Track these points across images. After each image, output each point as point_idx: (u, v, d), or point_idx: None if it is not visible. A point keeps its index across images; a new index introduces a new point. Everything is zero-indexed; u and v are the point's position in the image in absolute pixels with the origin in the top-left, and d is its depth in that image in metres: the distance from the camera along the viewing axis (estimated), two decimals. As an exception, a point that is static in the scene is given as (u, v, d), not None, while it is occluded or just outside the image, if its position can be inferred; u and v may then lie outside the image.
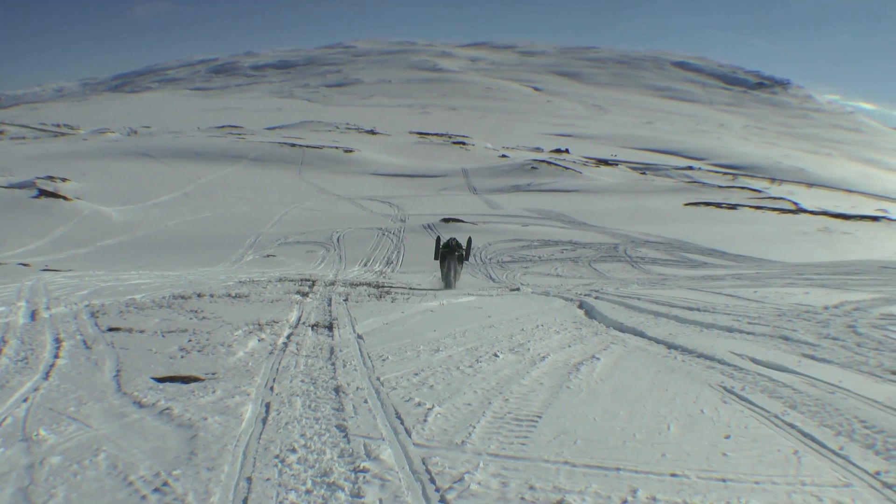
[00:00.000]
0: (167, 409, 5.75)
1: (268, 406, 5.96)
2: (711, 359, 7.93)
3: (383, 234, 33.19)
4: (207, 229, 35.72)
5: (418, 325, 10.68)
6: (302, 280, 17.37)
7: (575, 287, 17.80)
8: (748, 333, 9.44)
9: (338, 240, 31.61)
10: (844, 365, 7.36)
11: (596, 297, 14.38)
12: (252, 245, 30.17)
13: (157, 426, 5.35)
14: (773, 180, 78.92)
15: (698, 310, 11.90)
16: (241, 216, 40.96)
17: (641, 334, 9.89)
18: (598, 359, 7.98)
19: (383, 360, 7.98)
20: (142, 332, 9.21)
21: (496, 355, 8.17)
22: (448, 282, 19.12)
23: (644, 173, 79.50)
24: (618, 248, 28.44)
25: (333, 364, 7.74)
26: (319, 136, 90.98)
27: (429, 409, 5.89)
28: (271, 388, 6.58)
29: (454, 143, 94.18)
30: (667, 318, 11.30)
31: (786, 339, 8.92)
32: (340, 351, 8.48)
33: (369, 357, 8.14)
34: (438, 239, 21.19)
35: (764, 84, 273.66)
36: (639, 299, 13.71)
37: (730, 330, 9.83)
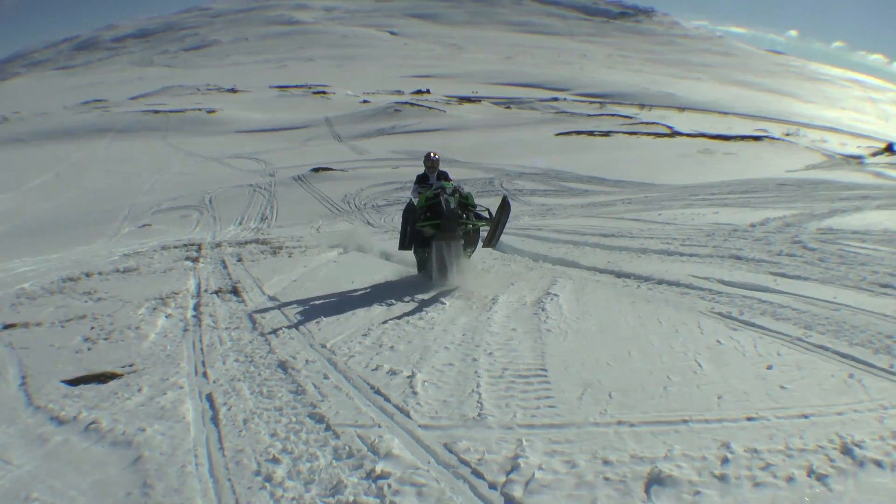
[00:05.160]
0: (93, 422, 4.53)
1: (210, 399, 4.82)
2: (676, 284, 7.38)
3: (255, 191, 31.68)
4: (81, 206, 33.04)
5: (331, 277, 9.83)
6: (186, 245, 15.84)
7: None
8: (690, 255, 8.99)
9: (210, 201, 29.82)
10: (825, 281, 6.93)
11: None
12: (126, 217, 28.07)
13: (89, 449, 4.15)
14: (642, 106, 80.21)
15: (613, 235, 11.56)
16: (112, 189, 38.26)
17: (576, 265, 9.32)
18: (555, 295, 7.25)
19: (317, 322, 6.99)
20: (39, 325, 7.90)
21: (441, 301, 7.39)
22: (442, 273, 8.68)
23: (509, 107, 79.73)
24: (493, 182, 27.95)
25: (263, 335, 6.65)
26: (182, 100, 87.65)
27: (408, 377, 4.89)
28: (205, 375, 5.43)
29: (315, 93, 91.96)
30: (585, 245, 10.90)
31: (738, 258, 8.48)
32: (262, 317, 7.44)
33: (299, 320, 7.12)
34: (422, 180, 9.37)
35: (627, 13, 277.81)
36: (540, 230, 13.24)
37: (667, 253, 9.35)
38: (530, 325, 6.13)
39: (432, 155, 9.52)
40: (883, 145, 39.24)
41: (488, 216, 9.06)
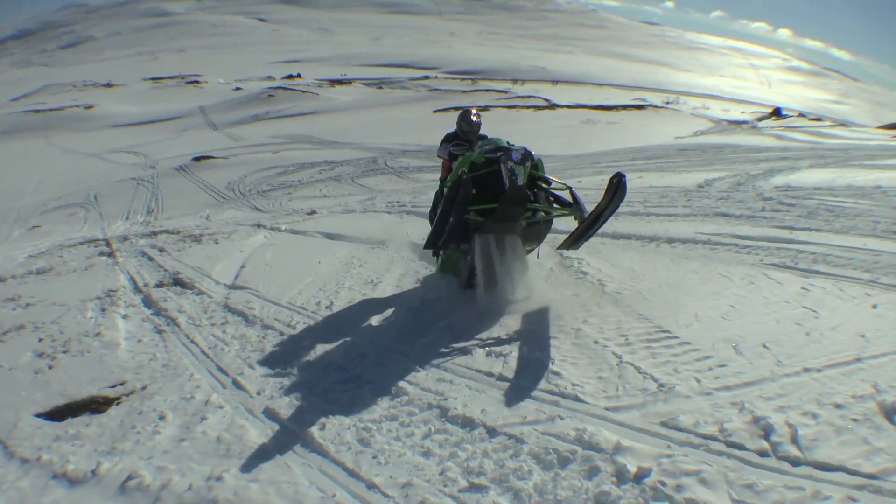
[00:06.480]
0: (130, 477, 3.40)
1: (277, 418, 3.91)
2: (693, 241, 7.05)
3: (138, 184, 29.77)
4: (-30, 211, 30.70)
5: (283, 260, 8.88)
6: (89, 242, 14.30)
7: (364, 202, 16.17)
8: (668, 216, 8.65)
9: (95, 198, 27.72)
10: (838, 231, 6.82)
11: (412, 208, 12.68)
12: (16, 220, 26.09)
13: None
14: (514, 81, 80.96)
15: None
16: (-1, 193, 35.74)
17: (555, 229, 8.62)
18: (579, 258, 6.74)
19: (321, 306, 6.20)
20: (-31, 341, 6.47)
21: (472, 286, 6.41)
22: (491, 284, 5.73)
23: (380, 87, 79.34)
24: (377, 161, 27.03)
25: (269, 328, 5.76)
26: (60, 97, 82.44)
27: (521, 357, 4.17)
28: (238, 386, 4.50)
29: (188, 83, 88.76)
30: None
31: (724, 215, 8.26)
32: (250, 308, 6.47)
33: (299, 307, 6.26)
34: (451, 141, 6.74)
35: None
36: None
37: (643, 214, 8.99)
38: (589, 289, 5.67)
39: (472, 116, 6.67)
40: (769, 110, 40.90)
41: (572, 200, 5.62)
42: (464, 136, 6.60)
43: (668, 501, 2.72)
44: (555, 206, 5.71)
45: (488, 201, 5.27)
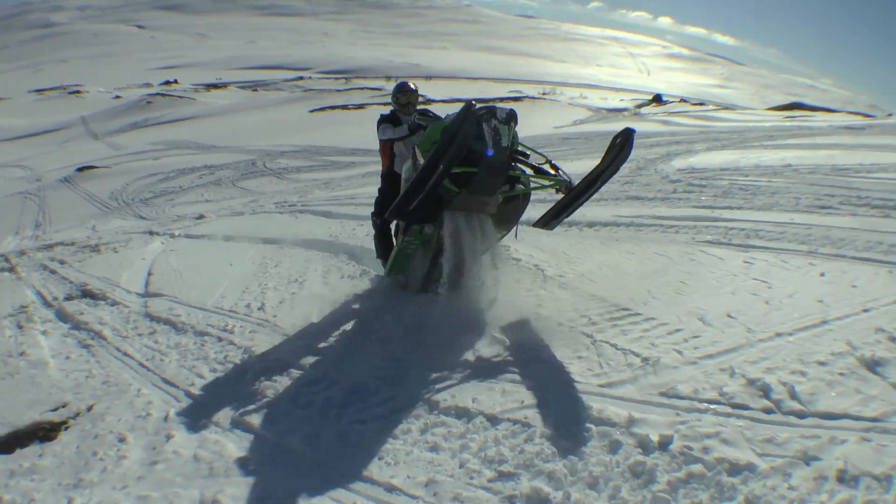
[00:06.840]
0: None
1: (249, 429, 3.71)
2: (615, 224, 7.25)
3: (25, 198, 28.69)
4: None
5: (192, 265, 8.42)
6: (-15, 258, 13.44)
7: (249, 204, 15.96)
8: None
9: None
10: (760, 208, 7.14)
11: (303, 207, 12.50)
12: None
13: None
14: (388, 78, 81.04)
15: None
16: None
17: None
18: (505, 246, 6.48)
19: (249, 307, 5.95)
20: None
21: (366, 270, 6.60)
22: (457, 277, 4.97)
23: (255, 90, 78.54)
24: (256, 164, 26.83)
25: (205, 335, 5.45)
26: None
27: (504, 342, 4.17)
28: (190, 395, 4.26)
29: (70, 93, 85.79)
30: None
31: (636, 198, 8.46)
32: (175, 316, 6.12)
33: (228, 310, 5.99)
34: (388, 121, 5.84)
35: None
36: (354, 199, 12.18)
37: (551, 201, 8.78)
38: (529, 275, 5.71)
39: (410, 84, 6.07)
40: (650, 97, 42.46)
41: (552, 171, 5.12)
42: (402, 110, 5.83)
43: (700, 463, 2.82)
44: (541, 177, 5.05)
45: (469, 165, 4.42)
